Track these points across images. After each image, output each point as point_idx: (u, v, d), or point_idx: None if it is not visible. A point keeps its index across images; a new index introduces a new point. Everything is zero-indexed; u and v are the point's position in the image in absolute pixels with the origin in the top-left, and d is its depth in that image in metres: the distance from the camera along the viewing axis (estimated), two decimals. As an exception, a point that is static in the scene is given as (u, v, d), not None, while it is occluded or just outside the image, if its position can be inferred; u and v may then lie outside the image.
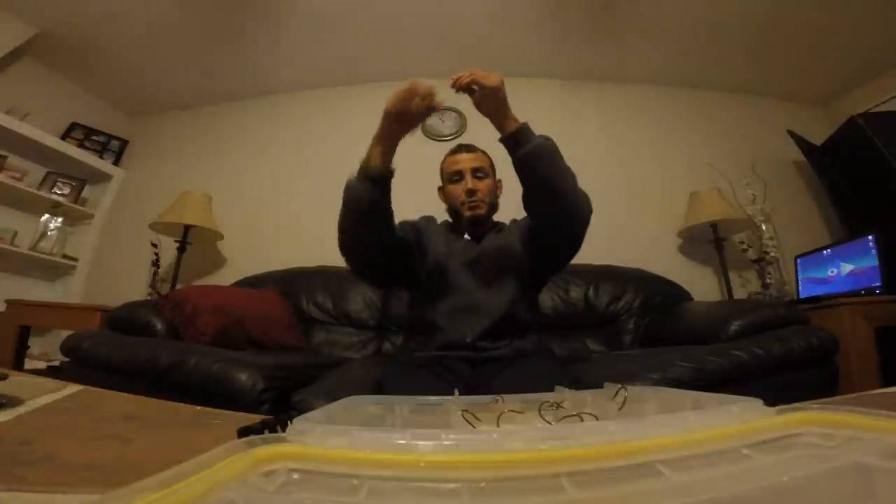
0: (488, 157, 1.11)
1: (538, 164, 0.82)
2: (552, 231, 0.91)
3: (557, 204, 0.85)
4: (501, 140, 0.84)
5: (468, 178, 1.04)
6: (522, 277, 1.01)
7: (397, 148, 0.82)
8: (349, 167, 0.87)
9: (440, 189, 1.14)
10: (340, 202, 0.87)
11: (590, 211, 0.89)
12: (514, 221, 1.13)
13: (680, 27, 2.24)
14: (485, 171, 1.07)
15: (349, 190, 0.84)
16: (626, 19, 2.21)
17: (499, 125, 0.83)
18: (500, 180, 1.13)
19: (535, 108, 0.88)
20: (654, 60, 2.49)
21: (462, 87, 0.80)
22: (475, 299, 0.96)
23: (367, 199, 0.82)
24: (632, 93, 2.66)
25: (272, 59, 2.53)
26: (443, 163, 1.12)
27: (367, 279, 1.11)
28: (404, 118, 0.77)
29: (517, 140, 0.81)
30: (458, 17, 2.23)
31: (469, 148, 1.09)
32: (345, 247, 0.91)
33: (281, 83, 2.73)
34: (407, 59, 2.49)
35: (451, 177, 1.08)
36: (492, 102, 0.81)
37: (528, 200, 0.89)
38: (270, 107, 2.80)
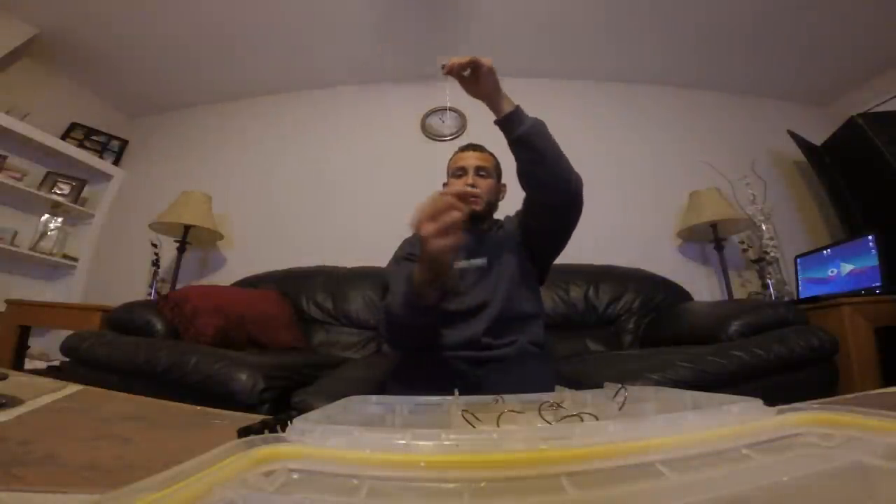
0: (495, 159, 1.13)
1: (536, 140, 0.85)
2: (549, 199, 0.93)
3: (553, 172, 0.88)
4: (498, 122, 0.86)
5: (470, 174, 1.06)
6: (525, 270, 1.02)
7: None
8: (350, 166, 0.87)
9: (444, 185, 1.14)
10: (384, 320, 0.86)
11: (582, 184, 0.91)
12: (508, 218, 1.15)
13: (680, 27, 2.24)
14: (488, 171, 1.08)
15: (401, 321, 0.84)
16: (626, 19, 2.21)
17: (494, 107, 0.86)
18: (504, 184, 1.14)
19: (535, 107, 0.88)
20: (655, 60, 2.49)
21: (456, 70, 0.82)
22: (479, 297, 0.96)
23: (431, 319, 0.84)
24: (632, 93, 2.66)
25: (272, 60, 2.52)
26: (450, 160, 1.15)
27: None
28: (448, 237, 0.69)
29: (515, 120, 0.85)
30: (468, 17, 2.23)
31: (477, 147, 1.11)
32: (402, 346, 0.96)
33: (281, 83, 2.73)
34: (408, 58, 2.49)
35: (454, 172, 1.10)
36: (490, 83, 0.83)
37: (523, 173, 0.91)
38: (270, 107, 2.80)
